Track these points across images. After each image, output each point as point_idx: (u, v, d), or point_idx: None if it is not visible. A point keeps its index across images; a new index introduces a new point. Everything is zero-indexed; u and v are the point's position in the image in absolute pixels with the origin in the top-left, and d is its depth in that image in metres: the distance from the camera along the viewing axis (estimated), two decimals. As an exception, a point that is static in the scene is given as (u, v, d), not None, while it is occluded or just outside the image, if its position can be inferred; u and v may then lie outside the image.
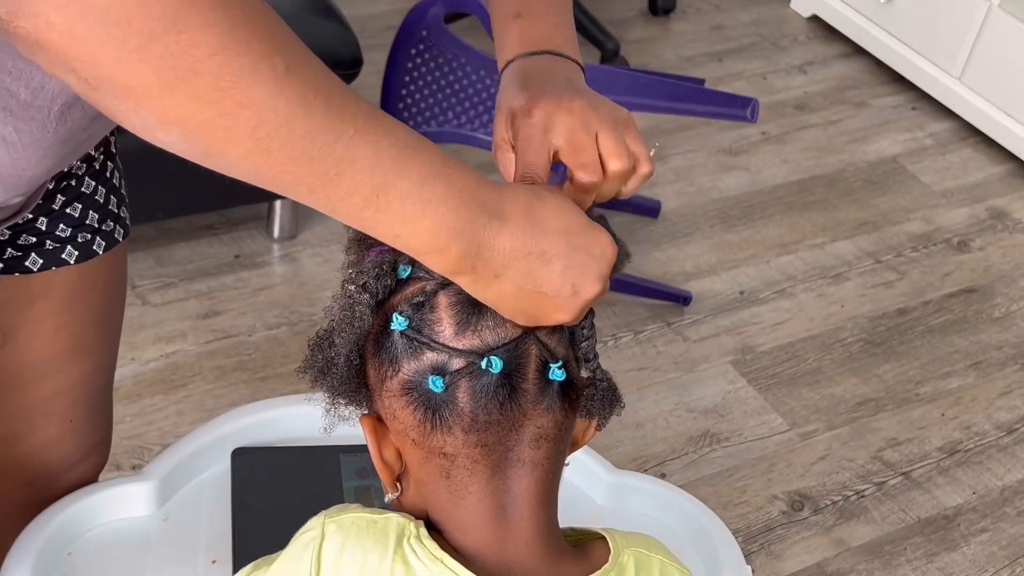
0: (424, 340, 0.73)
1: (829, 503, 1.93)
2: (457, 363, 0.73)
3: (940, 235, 2.55)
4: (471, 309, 0.74)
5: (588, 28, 2.89)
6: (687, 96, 2.02)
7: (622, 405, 0.82)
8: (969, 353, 2.26)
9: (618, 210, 2.46)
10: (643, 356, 2.15)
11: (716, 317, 2.26)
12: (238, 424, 1.20)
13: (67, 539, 1.08)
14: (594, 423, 0.81)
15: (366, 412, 0.80)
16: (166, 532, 1.11)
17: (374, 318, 0.77)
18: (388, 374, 0.75)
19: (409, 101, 2.29)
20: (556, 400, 0.76)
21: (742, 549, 1.73)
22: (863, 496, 1.96)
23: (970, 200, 2.66)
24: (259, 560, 0.81)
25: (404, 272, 0.76)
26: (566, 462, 0.81)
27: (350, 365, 0.78)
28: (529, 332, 0.75)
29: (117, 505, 1.11)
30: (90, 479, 1.22)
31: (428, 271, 0.75)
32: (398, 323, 0.74)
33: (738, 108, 1.98)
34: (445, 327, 0.73)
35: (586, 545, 0.81)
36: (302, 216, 2.26)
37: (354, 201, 0.65)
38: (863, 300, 2.35)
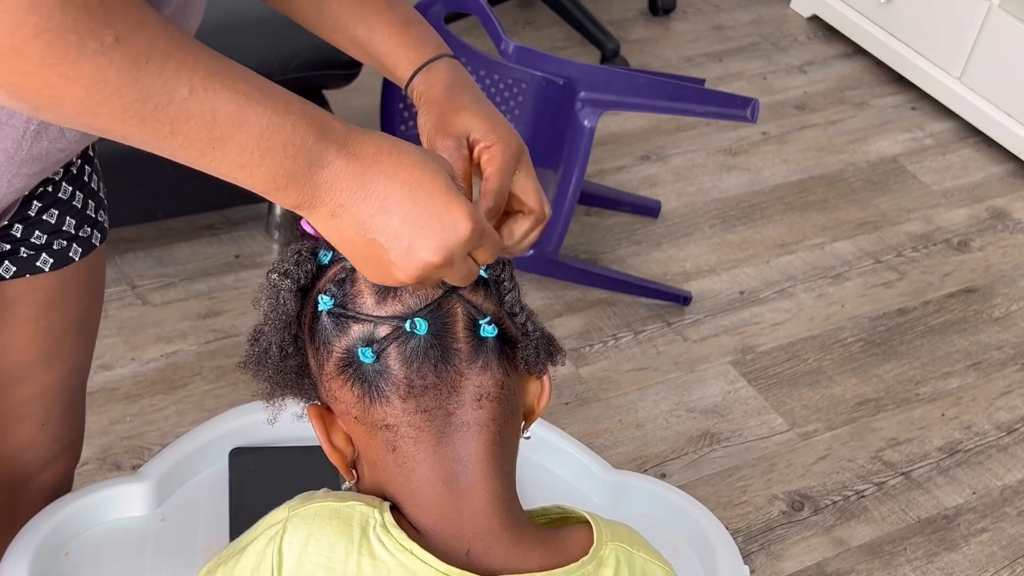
0: (349, 314, 0.75)
1: (829, 503, 1.93)
2: (383, 330, 0.74)
3: (940, 235, 2.54)
4: None
5: (588, 28, 2.89)
6: (687, 96, 2.02)
7: (563, 354, 0.82)
8: (969, 353, 2.26)
9: (618, 210, 2.46)
10: (643, 356, 2.15)
11: (716, 317, 2.26)
12: (236, 424, 1.20)
13: (64, 539, 1.08)
14: (546, 388, 0.81)
15: (314, 403, 0.80)
16: (163, 532, 1.11)
17: (298, 303, 0.78)
18: (324, 358, 0.76)
19: (409, 101, 2.29)
20: (492, 357, 0.76)
21: (742, 549, 1.73)
22: (863, 496, 1.95)
23: (970, 200, 2.66)
24: (230, 546, 0.80)
25: (325, 258, 0.78)
26: (526, 435, 0.81)
27: (284, 354, 0.79)
28: (452, 291, 0.75)
29: (114, 505, 1.11)
30: (63, 480, 1.22)
31: None
32: (324, 303, 0.75)
33: (738, 108, 1.98)
34: (367, 298, 0.75)
35: (564, 528, 0.79)
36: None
37: (189, 152, 0.66)
38: (863, 300, 2.35)
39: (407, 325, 0.73)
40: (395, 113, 2.31)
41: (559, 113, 2.06)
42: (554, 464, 1.22)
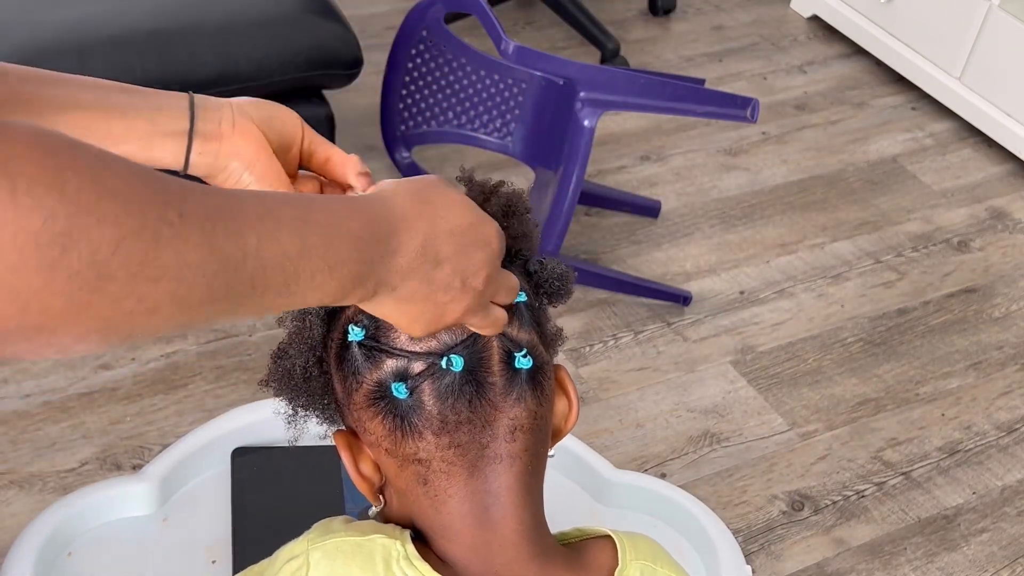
0: (382, 347, 0.73)
1: (829, 503, 1.93)
2: (417, 366, 0.72)
3: (940, 235, 2.55)
4: None
5: (588, 28, 2.89)
6: (687, 96, 2.02)
7: (564, 340, 0.83)
8: (969, 353, 2.26)
9: (618, 210, 2.46)
10: (643, 356, 2.15)
11: (716, 317, 2.26)
12: (238, 424, 1.20)
13: (67, 539, 1.08)
14: (574, 408, 0.80)
15: (340, 428, 0.79)
16: (166, 532, 1.11)
17: (325, 327, 0.76)
18: (353, 387, 0.75)
19: (409, 101, 2.29)
20: (526, 389, 0.75)
21: (742, 549, 1.73)
22: (863, 496, 1.96)
23: (970, 200, 2.66)
24: (246, 571, 0.80)
25: None
26: (550, 453, 0.80)
27: (308, 377, 0.78)
28: None
29: (117, 505, 1.11)
30: None
31: None
32: (355, 334, 0.73)
33: (738, 108, 1.98)
34: (400, 332, 0.72)
35: (586, 546, 0.79)
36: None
37: (266, 299, 0.60)
38: (863, 300, 2.35)
39: (443, 362, 0.72)
40: (395, 113, 2.31)
41: (559, 113, 2.06)
42: (556, 464, 1.22)
